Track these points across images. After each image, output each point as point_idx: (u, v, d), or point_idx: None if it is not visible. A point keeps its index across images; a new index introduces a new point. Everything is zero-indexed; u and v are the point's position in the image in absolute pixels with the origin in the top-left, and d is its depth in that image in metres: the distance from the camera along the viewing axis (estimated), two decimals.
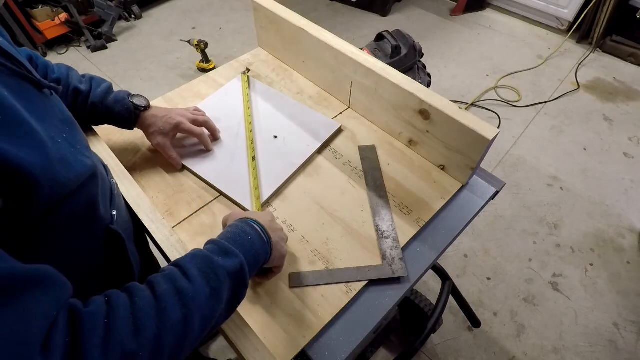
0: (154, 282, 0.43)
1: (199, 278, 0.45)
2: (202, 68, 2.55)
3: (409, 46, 1.71)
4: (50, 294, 0.34)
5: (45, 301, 0.33)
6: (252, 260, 0.53)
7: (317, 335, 0.64)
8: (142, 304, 0.40)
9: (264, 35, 1.12)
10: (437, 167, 0.87)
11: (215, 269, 0.47)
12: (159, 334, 0.39)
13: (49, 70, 0.72)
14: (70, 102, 0.74)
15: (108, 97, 0.77)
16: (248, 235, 0.55)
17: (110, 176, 0.66)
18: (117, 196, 0.63)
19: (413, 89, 0.80)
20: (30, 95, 0.45)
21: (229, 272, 0.48)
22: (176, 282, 0.44)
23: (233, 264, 0.49)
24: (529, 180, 1.98)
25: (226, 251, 0.50)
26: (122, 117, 0.78)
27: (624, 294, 1.60)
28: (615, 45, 2.64)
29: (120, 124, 0.80)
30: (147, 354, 0.38)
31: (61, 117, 0.50)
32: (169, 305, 0.41)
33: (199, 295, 0.44)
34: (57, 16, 2.68)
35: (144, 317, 0.39)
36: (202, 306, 0.44)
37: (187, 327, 0.42)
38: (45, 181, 0.39)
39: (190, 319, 0.42)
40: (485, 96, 2.40)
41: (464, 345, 1.47)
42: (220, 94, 1.01)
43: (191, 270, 0.45)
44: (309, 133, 0.92)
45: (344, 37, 0.92)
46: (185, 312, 0.42)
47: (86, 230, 0.52)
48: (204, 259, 0.48)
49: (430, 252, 0.75)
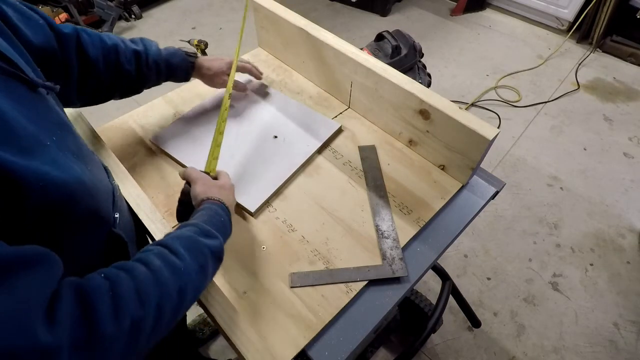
0: (147, 259, 0.47)
1: (187, 256, 0.50)
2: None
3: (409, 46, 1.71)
4: (42, 272, 0.35)
5: (38, 278, 0.34)
6: (226, 238, 0.60)
7: (317, 335, 0.64)
8: (143, 277, 0.43)
9: (264, 35, 1.12)
10: (437, 167, 0.87)
11: (200, 247, 0.52)
12: (160, 302, 0.43)
13: (104, 39, 0.72)
14: (135, 66, 0.76)
15: (163, 53, 0.81)
16: (221, 217, 0.61)
17: (112, 178, 0.66)
18: (119, 199, 0.63)
19: (413, 89, 0.80)
20: (20, 94, 0.43)
21: (212, 251, 0.54)
22: (168, 259, 0.48)
23: (215, 244, 0.55)
24: (529, 180, 1.98)
25: (207, 233, 0.55)
26: (180, 68, 0.83)
27: (624, 294, 1.60)
28: (615, 45, 2.64)
29: (180, 77, 0.85)
30: (152, 320, 0.42)
31: (54, 119, 0.48)
32: (165, 278, 0.45)
33: (189, 270, 0.49)
34: (57, 16, 2.68)
35: (146, 288, 0.43)
36: (193, 279, 0.49)
37: (182, 297, 0.47)
38: (34, 181, 0.39)
39: (184, 290, 0.47)
40: (485, 96, 2.40)
41: (464, 345, 1.47)
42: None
43: (179, 249, 0.50)
44: (309, 133, 0.92)
45: (344, 37, 0.92)
46: (179, 285, 0.46)
47: (88, 235, 0.52)
48: (190, 240, 0.52)
49: (430, 252, 0.75)
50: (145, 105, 0.99)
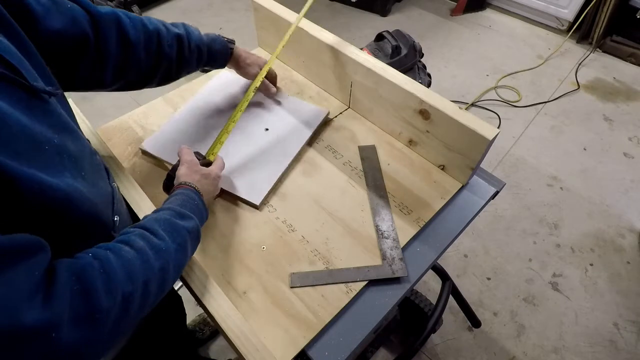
0: (130, 240, 0.49)
1: (166, 236, 0.53)
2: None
3: (409, 46, 1.71)
4: (28, 256, 0.37)
5: (24, 263, 0.36)
6: (201, 220, 0.63)
7: (317, 335, 0.64)
8: (129, 256, 0.46)
9: (264, 35, 1.12)
10: (437, 167, 0.87)
11: (178, 228, 0.56)
12: (146, 280, 0.47)
13: (145, 23, 0.72)
14: (176, 50, 0.75)
15: (204, 38, 0.81)
16: (194, 201, 0.63)
17: (112, 180, 0.65)
18: (118, 201, 0.62)
19: (413, 89, 0.80)
20: (19, 99, 0.42)
21: (189, 230, 0.57)
22: (149, 240, 0.51)
23: (191, 224, 0.58)
24: (529, 180, 1.98)
25: (182, 215, 0.58)
26: (221, 54, 0.84)
27: (624, 294, 1.60)
28: (615, 45, 2.64)
29: (218, 63, 0.86)
30: (139, 296, 0.45)
31: (55, 123, 0.47)
32: (149, 258, 0.48)
33: (169, 249, 0.52)
34: None
35: (133, 266, 0.46)
36: (174, 258, 0.53)
37: (165, 274, 0.51)
38: (31, 186, 0.38)
39: (167, 268, 0.51)
40: (485, 96, 2.40)
41: (464, 345, 1.47)
42: (214, 84, 1.02)
43: (158, 231, 0.53)
44: (298, 122, 0.94)
45: (344, 37, 0.92)
46: (161, 263, 0.50)
47: (87, 239, 0.51)
48: (167, 222, 0.55)
49: (430, 252, 0.75)
50: (145, 106, 0.99)
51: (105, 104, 2.15)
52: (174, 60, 0.75)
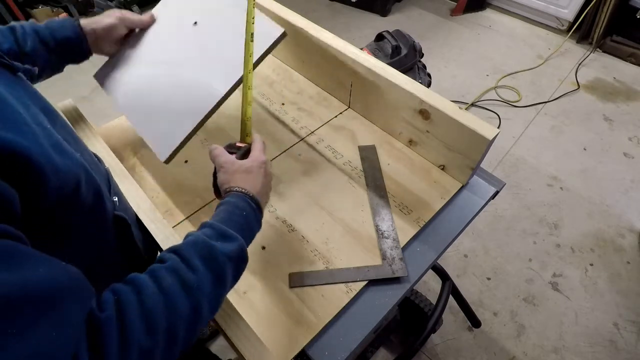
0: (158, 275, 0.43)
1: (201, 267, 0.45)
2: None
3: (409, 46, 1.71)
4: (81, 301, 0.34)
5: (77, 309, 0.33)
6: (248, 234, 0.55)
7: (317, 335, 0.64)
8: (151, 302, 0.40)
9: None
10: (437, 167, 0.87)
11: (216, 255, 0.47)
12: (170, 327, 0.40)
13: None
14: (13, 40, 0.65)
15: (40, 24, 0.69)
16: (243, 211, 0.55)
17: (103, 164, 0.66)
18: (114, 183, 0.64)
19: (413, 89, 0.80)
20: (8, 80, 0.43)
21: (230, 256, 0.48)
22: (180, 274, 0.43)
23: (233, 247, 0.49)
24: (529, 180, 1.98)
25: (224, 235, 0.50)
26: (65, 27, 0.70)
27: (624, 294, 1.60)
28: (615, 45, 2.64)
29: (72, 41, 0.71)
30: (162, 347, 0.39)
31: (42, 103, 0.48)
32: (177, 299, 0.41)
33: (204, 284, 0.44)
34: (57, 16, 2.68)
35: (154, 314, 0.39)
36: (208, 293, 0.44)
37: (197, 315, 0.43)
38: (48, 168, 0.38)
39: (199, 308, 0.43)
40: (485, 96, 2.40)
41: (464, 345, 1.47)
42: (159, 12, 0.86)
43: (193, 259, 0.45)
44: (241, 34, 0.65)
45: (344, 37, 0.92)
46: (192, 303, 0.42)
47: (96, 220, 0.52)
48: (204, 246, 0.47)
49: (430, 252, 0.75)
50: None
51: (105, 104, 2.15)
52: (18, 55, 0.65)
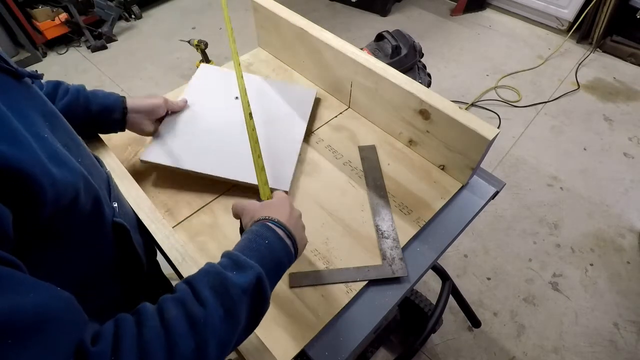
0: (164, 307, 0.40)
1: (211, 299, 0.41)
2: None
3: (409, 46, 1.71)
4: (70, 331, 0.33)
5: (65, 340, 0.32)
6: (272, 266, 0.49)
7: (317, 335, 0.64)
8: (150, 336, 0.37)
9: (264, 35, 1.12)
10: (437, 167, 0.87)
11: (227, 287, 0.43)
12: None
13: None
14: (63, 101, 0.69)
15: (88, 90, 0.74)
16: (265, 239, 0.50)
17: (105, 167, 0.65)
18: (114, 188, 0.63)
19: (413, 89, 0.80)
20: (8, 87, 0.42)
21: (244, 289, 0.44)
22: (186, 306, 0.40)
23: (247, 279, 0.45)
24: (529, 180, 1.98)
25: (239, 265, 0.46)
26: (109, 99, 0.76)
27: (624, 294, 1.60)
28: (615, 45, 2.64)
29: (112, 109, 0.76)
30: None
31: (44, 108, 0.47)
32: (179, 335, 0.38)
33: (212, 319, 0.40)
34: (57, 16, 2.68)
35: (151, 350, 0.36)
36: (217, 330, 0.40)
37: (200, 354, 0.39)
38: (45, 180, 0.38)
39: (204, 346, 0.39)
40: (485, 96, 2.40)
41: (464, 345, 1.47)
42: (194, 85, 0.96)
43: (203, 291, 0.42)
44: (292, 104, 0.94)
45: (344, 37, 0.92)
46: (197, 340, 0.39)
47: (95, 228, 0.52)
48: (217, 277, 0.44)
49: (430, 252, 0.75)
50: None
51: None
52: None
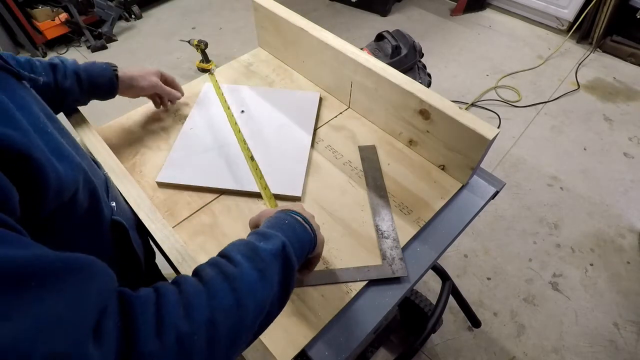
0: (199, 269, 0.43)
1: (243, 262, 0.44)
2: (202, 68, 2.56)
3: (409, 46, 1.71)
4: (98, 280, 0.33)
5: (93, 287, 0.32)
6: (294, 241, 0.51)
7: (317, 335, 0.64)
8: (191, 289, 0.39)
9: (264, 35, 1.12)
10: (437, 167, 0.87)
11: (258, 252, 0.46)
12: (212, 318, 0.38)
13: (12, 55, 0.69)
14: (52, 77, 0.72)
15: (81, 64, 0.77)
16: (284, 220, 0.54)
17: (102, 169, 0.67)
18: (112, 188, 0.64)
19: (413, 89, 0.80)
20: (12, 86, 0.43)
21: (273, 253, 0.47)
22: (222, 268, 0.43)
23: (274, 245, 0.48)
24: (529, 180, 1.98)
25: (265, 235, 0.49)
26: (102, 76, 0.79)
27: (624, 294, 1.60)
28: (615, 45, 2.64)
29: (105, 85, 0.80)
30: (203, 338, 0.36)
31: (43, 109, 0.48)
32: (219, 290, 0.40)
33: (247, 278, 0.42)
34: (57, 16, 2.68)
35: (193, 300, 0.38)
36: (253, 289, 0.42)
37: (241, 311, 0.40)
38: (50, 170, 0.39)
39: (243, 303, 0.41)
40: (485, 96, 2.40)
41: (464, 345, 1.47)
42: (198, 109, 0.98)
43: (235, 256, 0.44)
44: (298, 112, 0.96)
45: (344, 37, 0.92)
46: (236, 297, 0.40)
47: (93, 224, 0.52)
48: (246, 245, 0.47)
49: (430, 252, 0.75)
50: (145, 106, 0.99)
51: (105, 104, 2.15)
52: (52, 88, 0.73)
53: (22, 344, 0.25)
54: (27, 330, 0.25)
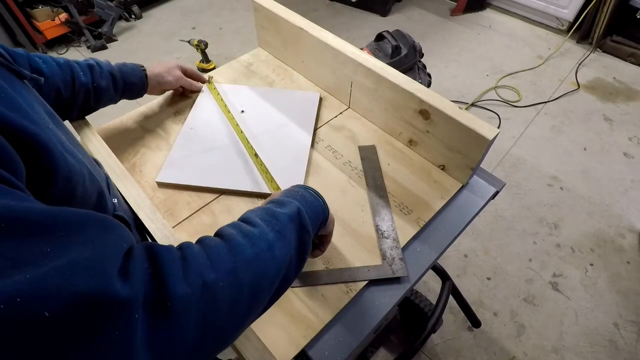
0: (220, 230, 0.45)
1: (262, 223, 0.46)
2: (202, 68, 2.56)
3: (409, 46, 1.71)
4: (115, 231, 0.35)
5: (111, 235, 0.34)
6: (308, 208, 0.53)
7: (317, 335, 0.64)
8: (213, 244, 0.41)
9: (264, 35, 1.12)
10: (437, 167, 0.87)
11: (275, 214, 0.48)
12: (234, 268, 0.39)
13: (54, 57, 0.73)
14: (90, 78, 0.76)
15: (113, 65, 0.82)
16: (298, 192, 0.56)
17: (103, 169, 0.68)
18: (112, 186, 0.66)
19: (413, 89, 0.80)
20: (15, 84, 0.44)
21: (289, 216, 0.49)
22: (241, 228, 0.45)
23: (290, 209, 0.50)
24: (529, 180, 1.98)
25: (280, 202, 0.52)
26: (134, 76, 0.84)
27: (624, 294, 1.60)
28: (615, 45, 2.64)
29: (137, 86, 0.85)
30: (227, 286, 0.38)
31: (45, 107, 0.49)
32: (239, 245, 0.42)
33: (266, 236, 0.45)
34: (57, 16, 2.68)
35: (217, 252, 0.40)
36: (272, 247, 0.44)
37: (261, 266, 0.42)
38: (59, 157, 0.40)
39: (263, 258, 0.43)
40: (485, 96, 2.40)
41: (464, 345, 1.47)
42: (197, 111, 0.97)
43: (254, 219, 0.47)
44: (298, 112, 0.96)
45: (344, 37, 0.92)
46: (256, 252, 0.42)
47: None
48: (263, 210, 0.49)
49: (430, 252, 0.75)
50: (145, 106, 0.99)
51: None
52: (90, 89, 0.76)
53: (51, 286, 0.26)
54: (56, 272, 0.27)
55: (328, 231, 0.62)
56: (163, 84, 0.91)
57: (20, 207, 0.29)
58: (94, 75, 0.77)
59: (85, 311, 0.27)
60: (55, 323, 0.26)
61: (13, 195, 0.30)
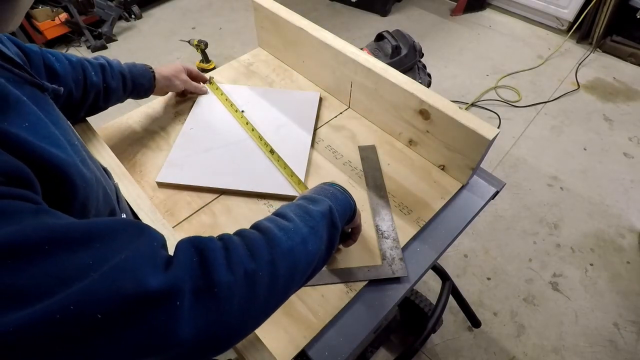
0: (257, 223, 0.48)
1: (296, 218, 0.49)
2: (202, 68, 2.55)
3: (409, 46, 1.71)
4: (146, 233, 0.37)
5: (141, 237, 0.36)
6: (338, 206, 0.56)
7: (317, 335, 0.64)
8: (252, 236, 0.44)
9: (264, 35, 1.12)
10: (437, 167, 0.87)
11: (309, 211, 0.51)
12: (272, 259, 0.43)
13: (67, 56, 0.74)
14: (101, 78, 0.77)
15: (124, 65, 0.82)
16: (328, 190, 0.59)
17: (112, 179, 0.67)
18: (121, 199, 0.65)
19: (413, 89, 0.80)
20: (40, 100, 0.45)
21: (322, 213, 0.52)
22: (277, 222, 0.48)
23: (322, 207, 0.53)
24: (529, 180, 1.98)
25: (313, 200, 0.55)
26: (143, 77, 0.85)
27: (624, 294, 1.60)
28: (615, 45, 2.64)
29: (145, 86, 0.86)
30: (266, 276, 0.41)
31: (67, 122, 0.50)
32: (276, 237, 0.45)
33: (300, 231, 0.47)
34: (57, 16, 2.68)
35: (256, 245, 0.43)
36: (305, 241, 0.47)
37: (295, 257, 0.45)
38: (78, 180, 0.41)
39: (297, 250, 0.46)
40: (485, 96, 2.40)
41: (464, 345, 1.47)
42: (198, 111, 0.97)
43: (288, 214, 0.50)
44: (298, 112, 0.97)
45: (344, 37, 0.92)
46: (291, 244, 0.45)
47: None
48: (298, 206, 0.52)
49: (430, 252, 0.75)
50: (145, 106, 0.99)
51: None
52: (101, 89, 0.77)
53: (98, 292, 0.30)
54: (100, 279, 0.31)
55: (357, 224, 0.65)
56: (170, 87, 0.92)
57: (59, 224, 0.32)
58: (105, 76, 0.77)
59: (130, 307, 0.31)
60: (107, 321, 0.30)
61: (50, 214, 0.33)
